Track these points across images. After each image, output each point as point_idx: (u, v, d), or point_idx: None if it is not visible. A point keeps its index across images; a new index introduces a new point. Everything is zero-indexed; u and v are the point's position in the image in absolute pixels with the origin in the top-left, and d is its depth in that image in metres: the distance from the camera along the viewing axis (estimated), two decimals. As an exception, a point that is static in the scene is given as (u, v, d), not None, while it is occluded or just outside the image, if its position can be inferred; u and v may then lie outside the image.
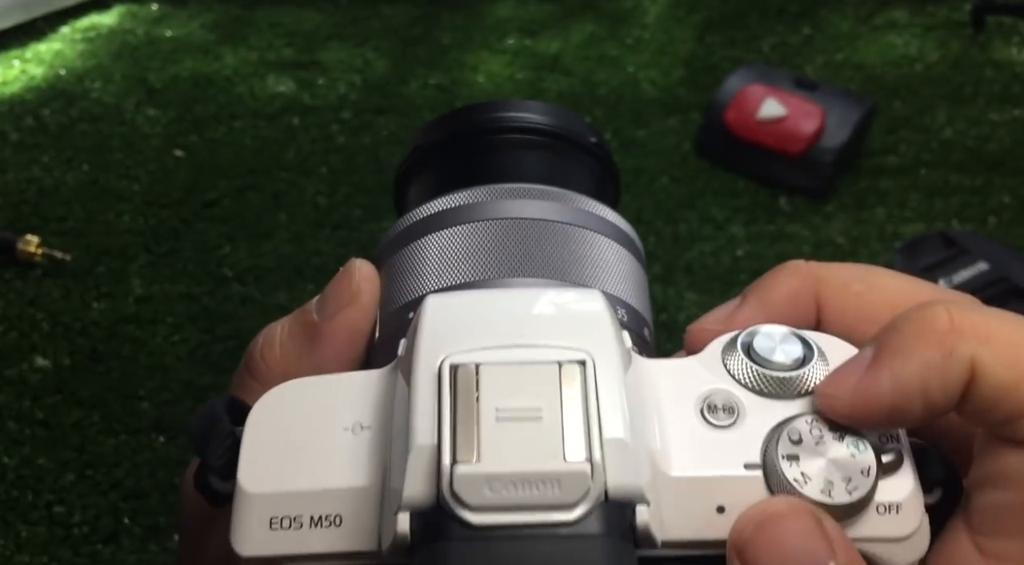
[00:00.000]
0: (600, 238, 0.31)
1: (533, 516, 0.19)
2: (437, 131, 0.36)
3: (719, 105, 1.20)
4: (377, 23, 1.52)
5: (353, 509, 0.20)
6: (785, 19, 1.47)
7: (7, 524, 0.86)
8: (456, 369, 0.20)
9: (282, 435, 0.21)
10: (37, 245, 1.08)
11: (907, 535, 0.20)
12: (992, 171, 1.18)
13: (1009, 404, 0.20)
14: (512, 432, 0.19)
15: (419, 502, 0.19)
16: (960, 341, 0.20)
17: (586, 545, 0.18)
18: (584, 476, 0.19)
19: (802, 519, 0.19)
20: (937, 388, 0.20)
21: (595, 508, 0.19)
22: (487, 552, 0.18)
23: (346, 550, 0.20)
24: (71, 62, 1.45)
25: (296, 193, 1.20)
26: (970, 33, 1.40)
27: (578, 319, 0.21)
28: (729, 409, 0.21)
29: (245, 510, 0.20)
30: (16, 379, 0.98)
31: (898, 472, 0.20)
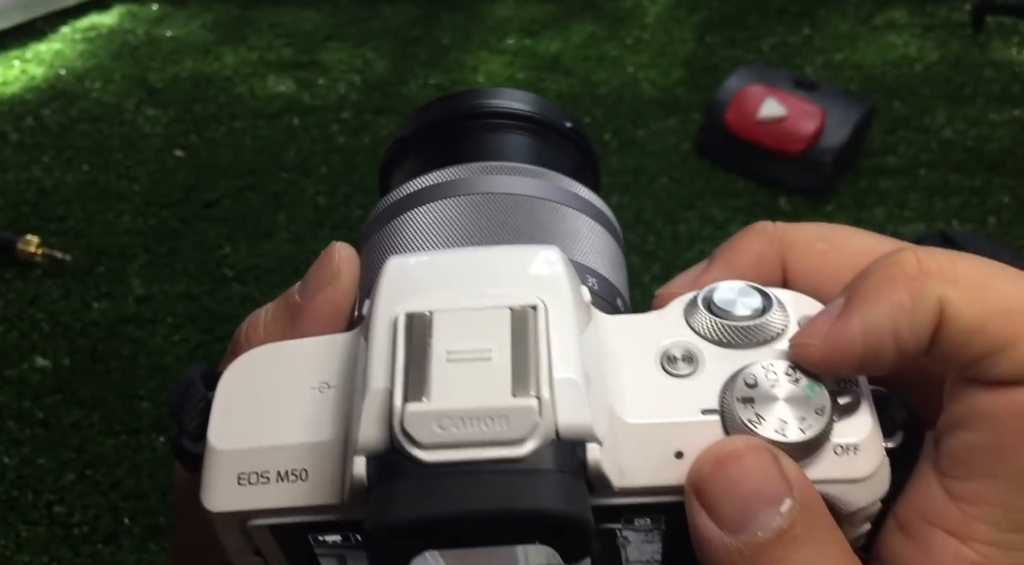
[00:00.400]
0: (573, 212, 0.32)
1: (483, 452, 0.19)
2: (415, 121, 0.37)
3: (719, 105, 1.20)
4: (377, 23, 1.52)
5: (318, 463, 0.20)
6: (785, 19, 1.47)
7: (7, 524, 0.86)
8: (411, 317, 0.20)
9: (251, 396, 0.22)
10: (37, 245, 1.08)
11: (865, 476, 0.20)
12: (992, 171, 1.18)
13: (978, 343, 0.20)
14: (462, 372, 0.19)
15: (374, 445, 0.19)
16: (928, 282, 0.20)
17: (535, 480, 0.19)
18: (531, 411, 0.19)
19: (759, 456, 0.19)
20: (907, 330, 0.20)
21: (545, 445, 0.19)
22: (438, 489, 0.19)
23: (312, 504, 0.20)
24: (71, 62, 1.45)
25: (296, 193, 1.20)
26: (970, 33, 1.41)
27: (532, 269, 0.21)
28: (689, 359, 0.22)
29: (214, 467, 0.21)
30: (16, 379, 0.98)
31: (856, 414, 0.21)
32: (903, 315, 0.20)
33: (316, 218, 1.16)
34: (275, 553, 0.22)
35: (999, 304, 0.20)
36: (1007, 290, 0.20)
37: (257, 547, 0.22)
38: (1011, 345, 0.20)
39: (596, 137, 1.26)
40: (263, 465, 0.20)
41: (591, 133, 1.33)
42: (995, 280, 0.20)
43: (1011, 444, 0.20)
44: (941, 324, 0.20)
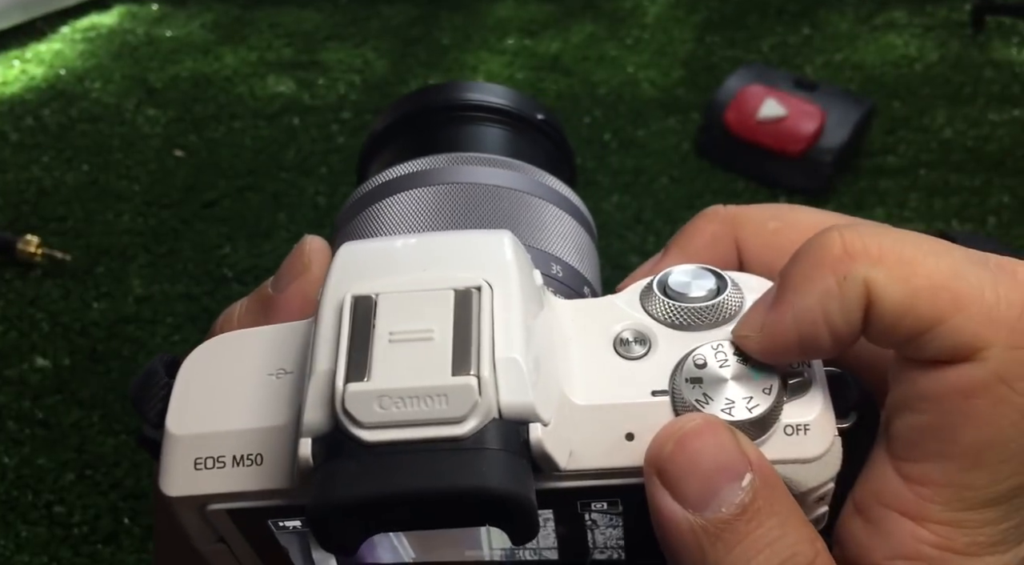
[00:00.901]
0: (540, 202, 0.32)
1: (424, 431, 0.19)
2: (390, 114, 0.37)
3: (719, 105, 1.20)
4: (377, 23, 1.52)
5: (273, 448, 0.21)
6: (785, 19, 1.47)
7: (7, 524, 0.86)
8: (357, 300, 0.20)
9: (209, 382, 0.22)
10: (37, 245, 1.08)
11: (816, 456, 0.20)
12: (992, 171, 1.18)
13: (907, 322, 0.20)
14: (403, 352, 0.19)
15: (319, 427, 0.19)
16: (853, 265, 0.20)
17: (476, 458, 0.19)
18: (470, 390, 0.19)
19: (718, 433, 0.19)
20: (837, 315, 0.20)
21: (486, 424, 0.19)
22: (379, 468, 0.19)
23: (267, 488, 0.20)
24: (71, 62, 1.45)
25: (296, 193, 1.20)
26: (970, 33, 1.40)
27: (479, 251, 0.21)
28: (642, 341, 0.22)
29: (171, 452, 0.21)
30: (16, 379, 0.98)
31: (807, 394, 0.21)
32: (832, 300, 0.20)
33: (316, 218, 1.16)
34: (237, 538, 0.22)
35: (925, 281, 0.20)
36: (932, 266, 0.20)
37: (219, 533, 0.22)
38: (940, 322, 0.19)
39: (596, 137, 1.26)
40: (219, 450, 0.21)
41: (591, 133, 1.33)
42: (921, 256, 0.20)
43: (954, 423, 0.20)
44: (870, 305, 0.20)
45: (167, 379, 0.22)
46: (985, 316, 0.19)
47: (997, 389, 0.19)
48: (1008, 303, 0.19)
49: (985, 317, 0.19)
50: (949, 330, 0.19)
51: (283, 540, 0.22)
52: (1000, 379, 0.19)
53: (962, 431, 0.20)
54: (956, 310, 0.19)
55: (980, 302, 0.19)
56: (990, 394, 0.19)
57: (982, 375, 0.19)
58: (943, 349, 0.20)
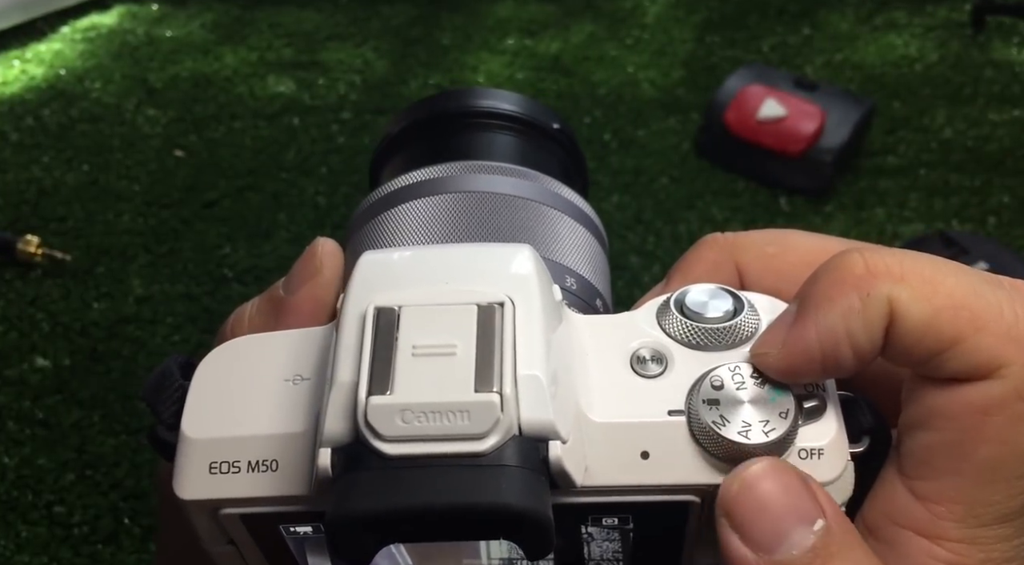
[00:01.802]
0: (555, 212, 0.32)
1: (445, 446, 0.19)
2: (405, 117, 0.37)
3: (719, 105, 1.20)
4: (377, 23, 1.52)
5: (289, 454, 0.21)
6: (785, 19, 1.47)
7: (7, 524, 0.86)
8: (379, 311, 0.20)
9: (226, 386, 0.22)
10: (37, 245, 1.08)
11: (830, 480, 0.21)
12: (992, 171, 1.18)
13: (928, 340, 0.20)
14: (426, 366, 0.20)
15: (339, 437, 0.19)
16: (876, 283, 0.20)
17: (496, 475, 0.19)
18: (493, 407, 0.19)
19: (786, 476, 0.19)
20: (860, 332, 0.20)
21: (506, 441, 0.19)
22: (399, 482, 0.19)
23: (281, 494, 0.21)
24: (71, 62, 1.45)
25: (296, 193, 1.20)
26: (970, 33, 1.40)
27: (501, 265, 0.21)
28: (658, 360, 0.22)
29: (186, 455, 0.21)
30: (16, 379, 0.98)
31: (821, 418, 0.21)
32: (855, 318, 0.20)
33: (316, 218, 1.16)
34: (247, 542, 0.22)
35: (946, 300, 0.20)
36: (953, 286, 0.20)
37: (229, 536, 0.22)
38: (960, 341, 0.20)
39: (596, 137, 1.26)
40: (235, 455, 0.21)
41: (591, 133, 1.33)
42: (942, 276, 0.20)
43: (969, 440, 0.20)
44: (892, 323, 0.20)
45: (182, 381, 0.22)
46: (1004, 335, 0.20)
47: (1015, 406, 0.20)
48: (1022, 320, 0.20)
49: (1004, 336, 0.20)
50: (969, 349, 0.20)
51: (293, 545, 0.22)
52: (1019, 396, 0.20)
53: (978, 448, 0.20)
54: (976, 329, 0.20)
55: (999, 321, 0.20)
56: (1008, 411, 0.20)
57: (1000, 392, 0.20)
58: (962, 367, 0.20)
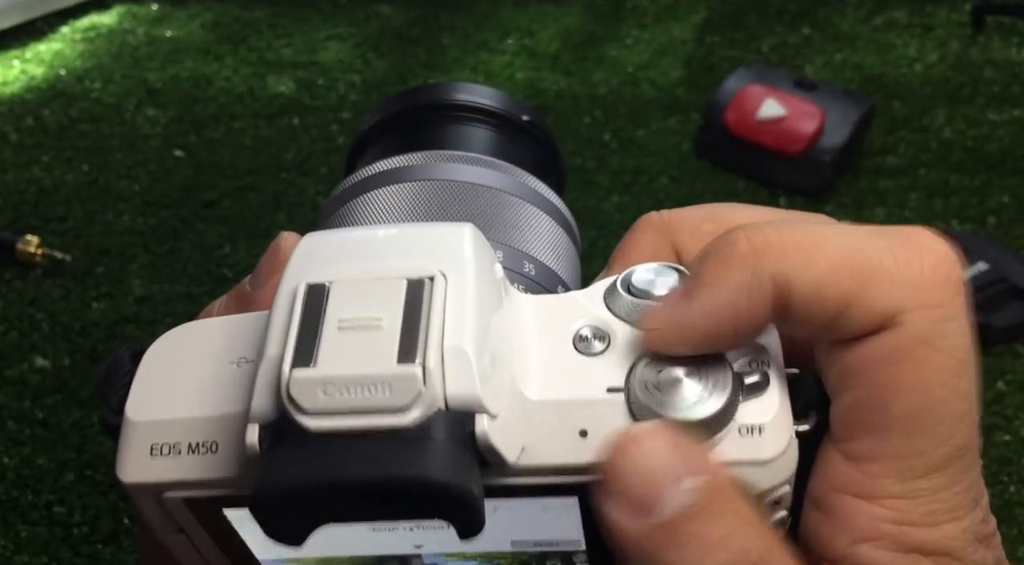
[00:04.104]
0: (519, 201, 0.32)
1: (368, 420, 0.19)
2: (377, 113, 0.38)
3: (718, 105, 1.20)
4: (377, 23, 1.52)
5: (228, 436, 0.20)
6: (785, 19, 1.47)
7: (7, 524, 0.86)
8: (310, 288, 0.20)
9: (171, 369, 0.22)
10: (37, 245, 1.08)
11: (771, 458, 0.20)
12: (991, 171, 1.18)
13: (822, 305, 0.20)
14: (351, 340, 0.19)
15: (265, 413, 0.19)
16: (760, 261, 0.20)
17: (418, 449, 0.18)
18: (415, 379, 0.19)
19: (657, 437, 0.19)
20: (745, 310, 0.20)
21: (431, 415, 0.19)
22: (321, 456, 0.18)
23: (220, 476, 0.20)
24: (71, 62, 1.45)
25: (296, 193, 1.20)
26: (970, 33, 1.40)
27: (436, 242, 0.21)
28: (601, 337, 0.21)
29: (128, 438, 0.21)
30: (16, 379, 0.98)
31: (763, 395, 0.21)
32: (741, 296, 0.20)
33: (316, 218, 1.16)
34: (195, 528, 0.22)
35: (830, 264, 0.20)
36: (833, 248, 0.20)
37: (178, 523, 0.22)
38: (852, 300, 0.20)
39: (596, 137, 1.26)
40: (175, 437, 0.21)
41: (591, 133, 1.33)
42: (821, 241, 0.20)
43: (884, 394, 0.20)
44: (781, 298, 0.20)
45: (131, 367, 0.22)
46: (892, 283, 0.20)
47: (919, 351, 0.20)
48: (907, 264, 0.20)
49: (892, 283, 0.20)
50: (862, 305, 0.20)
51: (241, 530, 0.22)
52: (920, 341, 0.20)
53: (895, 399, 0.20)
54: (863, 285, 0.20)
55: (884, 271, 0.20)
56: (914, 358, 0.20)
57: (902, 340, 0.20)
58: (861, 324, 0.20)
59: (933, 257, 0.20)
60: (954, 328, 0.20)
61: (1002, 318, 0.95)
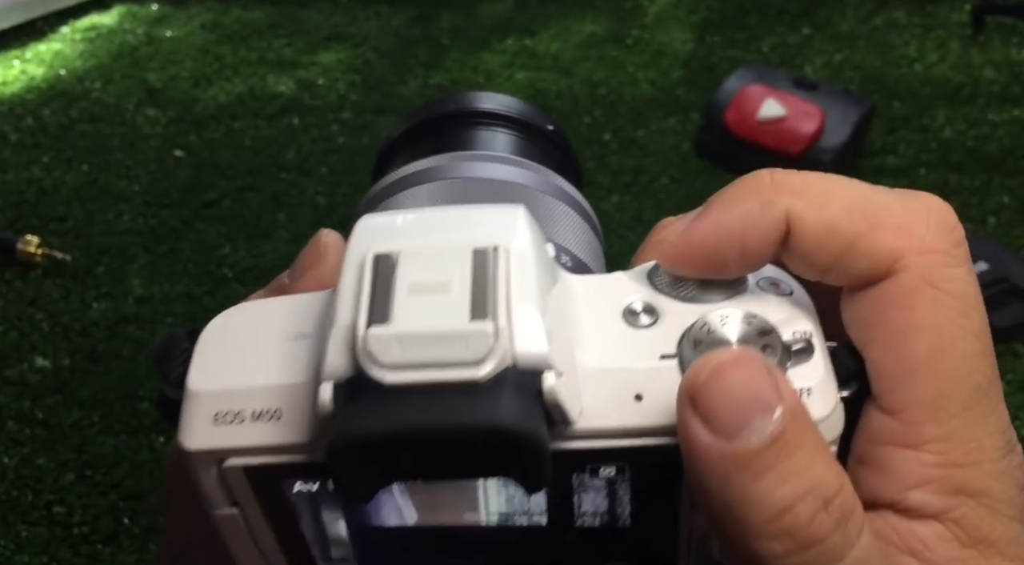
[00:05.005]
0: (550, 198, 0.34)
1: (442, 373, 0.19)
2: (402, 123, 0.39)
3: (719, 105, 1.20)
4: (377, 23, 1.52)
5: (291, 404, 0.21)
6: (785, 19, 1.47)
7: (7, 524, 0.86)
8: (378, 257, 0.21)
9: (230, 344, 0.23)
10: (37, 245, 1.08)
11: (820, 418, 0.21)
12: (991, 171, 1.18)
13: (828, 242, 0.21)
14: (423, 300, 0.20)
15: (340, 371, 0.20)
16: (777, 194, 0.22)
17: (492, 400, 0.19)
18: (488, 334, 0.19)
19: (754, 366, 0.20)
20: (754, 234, 0.22)
21: (502, 370, 0.19)
22: (397, 407, 0.19)
23: (284, 443, 0.21)
24: (71, 62, 1.45)
25: (296, 193, 1.20)
26: (970, 33, 1.40)
27: (494, 219, 0.22)
28: (650, 311, 0.22)
29: (191, 407, 0.21)
30: (16, 379, 0.98)
31: (809, 361, 0.21)
32: (752, 220, 0.22)
33: (316, 218, 1.16)
34: (250, 501, 0.22)
35: (840, 205, 0.21)
36: (845, 191, 0.22)
37: (233, 495, 0.22)
38: (857, 240, 0.21)
39: (596, 137, 1.26)
40: (238, 405, 0.21)
41: (591, 133, 1.33)
42: (836, 186, 0.22)
43: (903, 338, 0.21)
44: (790, 231, 0.22)
45: (188, 345, 0.23)
46: (896, 228, 0.21)
47: (926, 293, 0.21)
48: (914, 214, 0.21)
49: (896, 229, 0.21)
50: (868, 246, 0.21)
51: (297, 506, 0.22)
52: (925, 283, 0.21)
53: (913, 343, 0.21)
54: (870, 227, 0.21)
55: (890, 216, 0.21)
56: (922, 300, 0.21)
57: (908, 282, 0.21)
58: (866, 266, 0.21)
59: (937, 213, 0.22)
60: (958, 274, 0.21)
61: (1002, 318, 0.95)
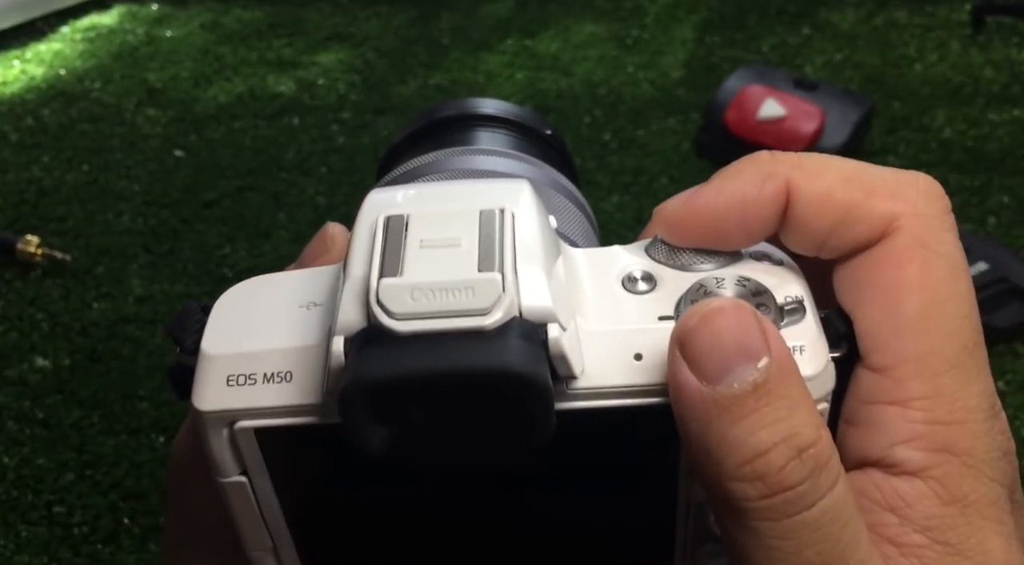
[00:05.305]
0: (550, 191, 0.35)
1: (452, 322, 0.20)
2: (403, 130, 0.40)
3: (719, 105, 1.20)
4: (377, 23, 1.52)
5: (302, 366, 0.22)
6: (785, 19, 1.47)
7: (7, 524, 0.86)
8: (389, 219, 0.22)
9: (243, 312, 0.23)
10: (37, 245, 1.08)
11: (811, 375, 0.21)
12: (991, 171, 1.18)
13: (826, 210, 0.22)
14: (433, 254, 0.21)
15: (352, 325, 0.20)
16: (777, 166, 0.23)
17: (500, 345, 0.20)
18: (496, 283, 0.20)
19: (742, 314, 0.20)
20: (755, 203, 0.23)
21: (509, 319, 0.20)
22: (410, 353, 0.20)
23: (295, 404, 0.21)
24: (71, 62, 1.45)
25: (296, 193, 1.20)
26: (970, 33, 1.41)
27: (501, 189, 0.23)
28: (648, 279, 0.23)
29: (205, 370, 0.22)
30: (16, 379, 0.98)
31: (802, 321, 0.22)
32: (753, 189, 0.23)
33: (316, 218, 1.16)
34: (259, 467, 0.22)
35: (837, 175, 0.23)
36: (840, 165, 0.23)
37: (243, 462, 0.22)
38: (854, 207, 0.22)
39: (596, 137, 1.26)
40: (251, 368, 0.22)
41: (591, 133, 1.33)
42: (832, 161, 0.23)
43: (894, 295, 0.22)
44: (790, 200, 0.23)
45: (202, 315, 0.24)
46: (890, 194, 0.22)
47: (919, 253, 0.22)
48: (907, 182, 0.23)
49: (890, 195, 0.22)
50: (864, 211, 0.22)
51: (305, 472, 0.23)
52: (918, 243, 0.22)
53: (905, 300, 0.22)
54: (866, 194, 0.22)
55: (884, 184, 0.23)
56: (915, 258, 0.22)
57: (903, 243, 0.22)
58: (862, 231, 0.22)
59: (926, 183, 0.23)
60: (947, 238, 0.22)
61: (1002, 318, 0.95)
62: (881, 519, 0.21)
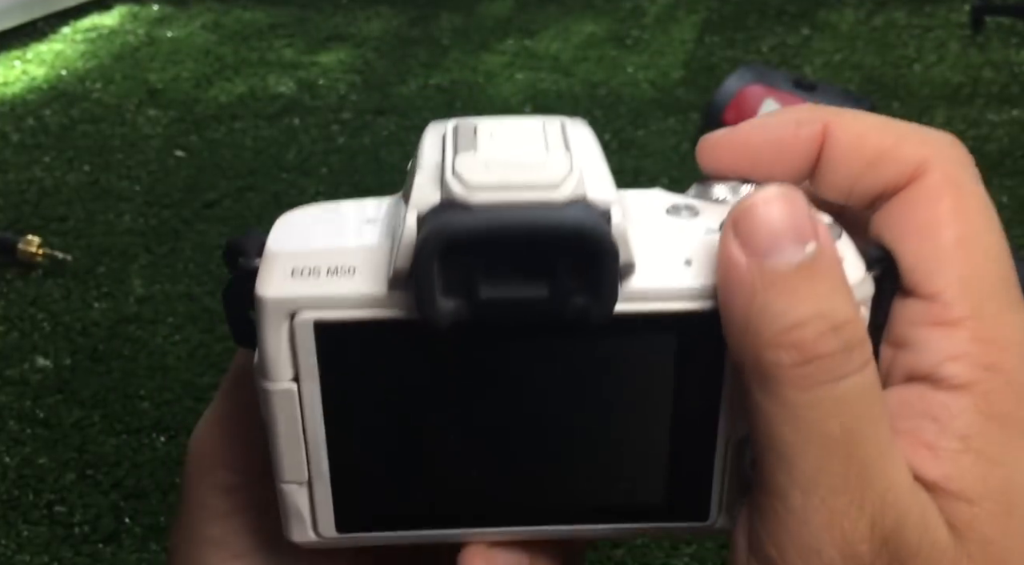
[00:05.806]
0: None
1: (525, 194, 0.21)
2: None
3: (718, 106, 1.20)
4: (377, 23, 1.52)
5: (367, 261, 0.22)
6: (784, 20, 1.47)
7: (8, 524, 0.86)
8: (458, 125, 0.23)
9: (306, 223, 0.24)
10: (38, 245, 1.08)
11: (853, 283, 0.22)
12: (991, 171, 1.18)
13: (860, 151, 0.24)
14: (504, 141, 0.22)
15: (427, 200, 0.21)
16: (816, 111, 0.25)
17: (571, 211, 0.21)
18: (565, 161, 0.21)
19: (796, 201, 0.21)
20: (791, 138, 0.24)
21: (578, 196, 0.21)
22: (483, 215, 0.20)
23: (357, 293, 0.22)
24: (72, 63, 1.45)
25: (296, 193, 1.20)
26: (970, 33, 1.41)
27: (561, 118, 0.24)
28: (691, 209, 0.24)
29: (269, 264, 0.23)
30: (17, 379, 0.98)
31: (840, 239, 0.23)
32: (790, 126, 0.24)
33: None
34: (311, 372, 0.22)
35: (871, 122, 0.25)
36: (875, 117, 0.25)
37: (296, 366, 0.22)
38: (886, 150, 0.24)
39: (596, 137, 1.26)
40: (315, 262, 0.22)
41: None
42: (868, 115, 0.25)
43: (934, 228, 0.23)
44: (826, 141, 0.24)
45: (263, 234, 0.24)
46: (919, 140, 0.24)
47: (951, 190, 0.23)
48: (935, 134, 0.24)
49: (920, 141, 0.24)
50: (895, 153, 0.24)
51: (356, 384, 0.23)
52: (950, 181, 0.23)
53: (943, 232, 0.23)
54: (898, 138, 0.24)
55: (915, 132, 0.24)
56: (948, 194, 0.23)
57: (935, 181, 0.23)
58: (894, 172, 0.24)
59: (953, 139, 0.24)
60: (975, 181, 0.24)
61: (1001, 318, 0.95)
62: (921, 425, 0.22)
